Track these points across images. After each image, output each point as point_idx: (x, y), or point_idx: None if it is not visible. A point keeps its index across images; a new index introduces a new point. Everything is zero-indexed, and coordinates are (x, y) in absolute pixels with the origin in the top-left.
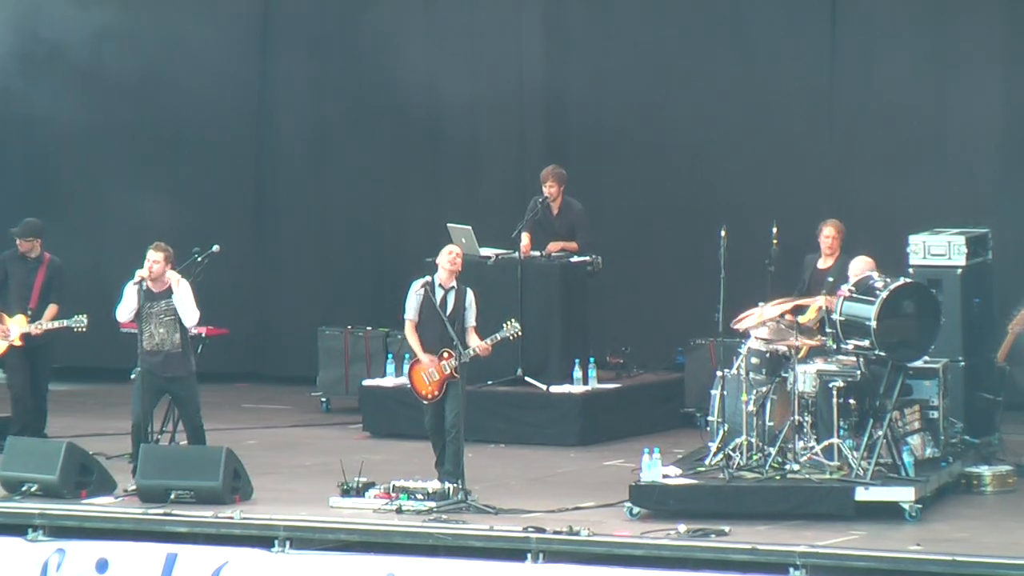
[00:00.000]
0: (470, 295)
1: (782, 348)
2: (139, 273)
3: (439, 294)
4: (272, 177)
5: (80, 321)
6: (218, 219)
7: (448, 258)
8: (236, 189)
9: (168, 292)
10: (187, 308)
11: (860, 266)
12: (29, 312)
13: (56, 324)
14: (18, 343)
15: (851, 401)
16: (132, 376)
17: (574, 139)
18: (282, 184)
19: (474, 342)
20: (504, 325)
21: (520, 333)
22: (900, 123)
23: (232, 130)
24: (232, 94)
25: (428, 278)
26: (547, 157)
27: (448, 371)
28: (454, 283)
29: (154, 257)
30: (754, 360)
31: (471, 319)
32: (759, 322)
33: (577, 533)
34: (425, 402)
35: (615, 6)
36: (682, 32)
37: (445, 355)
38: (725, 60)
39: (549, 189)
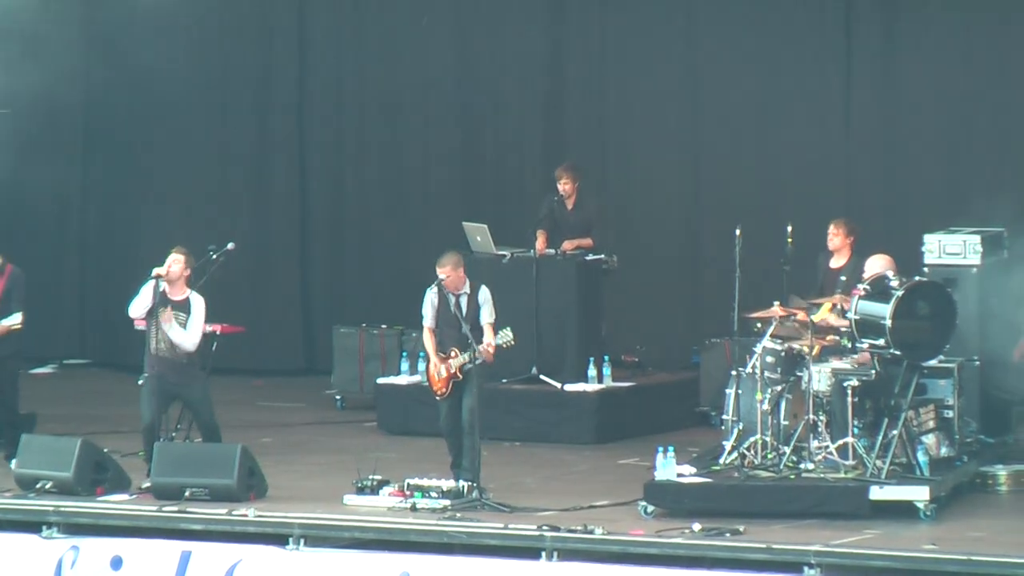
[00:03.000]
0: (483, 292)
1: (797, 347)
2: (156, 270)
3: (452, 299)
4: (288, 173)
5: (14, 318)
6: (233, 216)
7: (444, 280)
8: (251, 184)
9: (183, 304)
10: (194, 323)
11: (878, 265)
12: None
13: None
14: None
15: (866, 400)
16: (140, 382)
17: (588, 138)
18: (299, 183)
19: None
20: (499, 332)
21: (513, 343)
22: (915, 122)
23: (248, 125)
24: (264, 95)
25: (443, 278)
26: (563, 155)
27: (453, 369)
28: (465, 287)
29: (175, 257)
30: (769, 359)
31: (486, 316)
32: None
33: (592, 532)
34: (437, 398)
35: (627, 5)
36: (697, 30)
37: (452, 353)
38: (740, 59)
39: (564, 186)
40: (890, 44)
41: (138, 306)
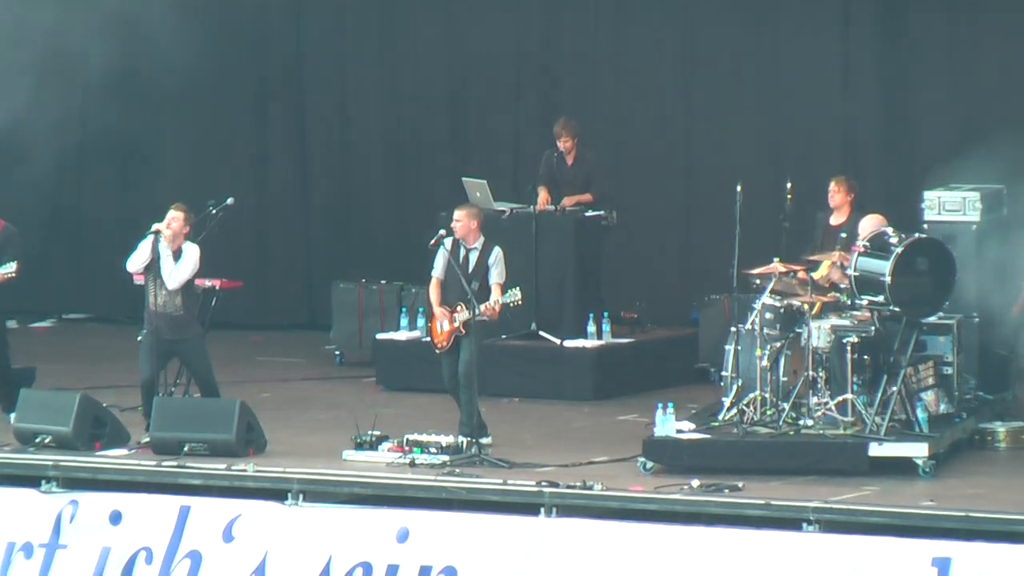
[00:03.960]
0: (495, 253)
1: (796, 303)
2: (156, 225)
3: (462, 252)
4: (289, 130)
5: (8, 267)
6: (233, 170)
7: (454, 225)
8: (252, 141)
9: (178, 254)
10: (182, 266)
11: (871, 224)
12: None
13: None
14: None
15: (865, 357)
16: (139, 338)
17: (590, 95)
18: (300, 137)
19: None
20: (508, 291)
21: (520, 302)
22: (914, 78)
23: (249, 83)
24: (265, 52)
25: (443, 232)
26: (559, 111)
27: (457, 323)
28: (477, 243)
29: (173, 215)
30: (768, 315)
31: (495, 277)
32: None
33: (591, 488)
34: (437, 351)
35: None
36: None
37: (458, 308)
38: (738, 14)
39: (564, 143)
40: (889, 2)
41: (136, 260)
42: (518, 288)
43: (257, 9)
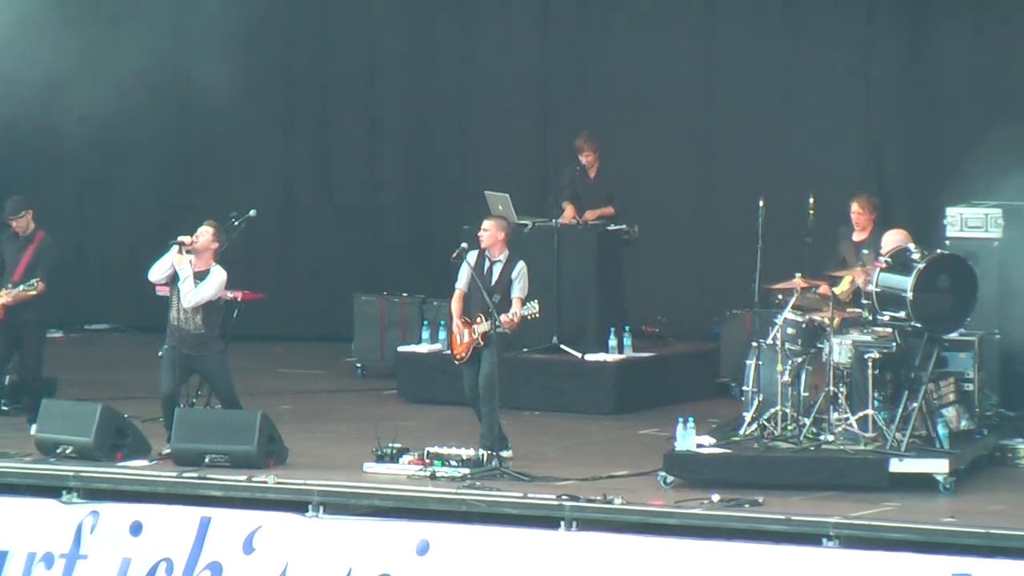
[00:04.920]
0: (519, 267)
1: (818, 319)
2: (182, 238)
3: (486, 264)
4: (313, 144)
5: (32, 284)
6: (257, 183)
7: (480, 234)
8: (277, 155)
9: (203, 275)
10: (203, 287)
11: (895, 239)
12: (9, 286)
13: (15, 291)
14: None
15: (887, 373)
16: (160, 353)
17: (612, 109)
18: (322, 150)
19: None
20: (526, 304)
21: (537, 315)
22: (937, 93)
23: (273, 98)
24: (292, 71)
25: (464, 246)
26: (580, 124)
27: (476, 335)
28: (502, 256)
29: (203, 229)
30: (790, 331)
31: (517, 291)
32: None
33: (611, 501)
34: (457, 362)
35: None
36: (720, 4)
37: (477, 319)
38: (759, 26)
39: (586, 157)
40: (912, 12)
41: (157, 270)
42: (536, 301)
43: (285, 33)
